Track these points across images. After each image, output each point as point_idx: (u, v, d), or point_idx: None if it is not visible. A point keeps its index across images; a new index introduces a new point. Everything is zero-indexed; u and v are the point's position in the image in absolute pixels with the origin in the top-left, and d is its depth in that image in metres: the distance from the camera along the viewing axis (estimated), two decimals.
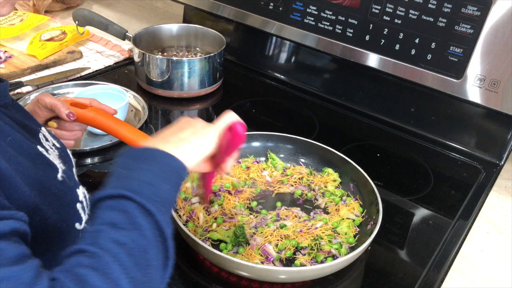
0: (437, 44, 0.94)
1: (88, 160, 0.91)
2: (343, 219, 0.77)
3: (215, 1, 1.24)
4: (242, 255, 0.70)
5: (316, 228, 0.75)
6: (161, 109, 1.11)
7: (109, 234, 0.44)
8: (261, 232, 0.73)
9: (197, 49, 1.27)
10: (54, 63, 1.21)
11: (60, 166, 0.57)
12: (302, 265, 0.69)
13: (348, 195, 0.83)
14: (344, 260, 0.66)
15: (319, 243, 0.72)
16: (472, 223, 0.84)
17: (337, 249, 0.72)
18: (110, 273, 0.41)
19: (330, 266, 0.66)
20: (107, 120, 0.81)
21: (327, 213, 0.79)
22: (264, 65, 1.26)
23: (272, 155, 0.89)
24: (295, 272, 0.65)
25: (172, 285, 0.67)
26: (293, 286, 0.68)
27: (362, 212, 0.79)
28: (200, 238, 0.71)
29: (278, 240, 0.72)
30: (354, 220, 0.77)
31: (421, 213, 0.85)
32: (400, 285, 0.71)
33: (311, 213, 0.79)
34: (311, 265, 0.69)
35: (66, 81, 1.13)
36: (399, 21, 0.97)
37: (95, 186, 0.84)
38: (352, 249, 0.73)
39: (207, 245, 0.66)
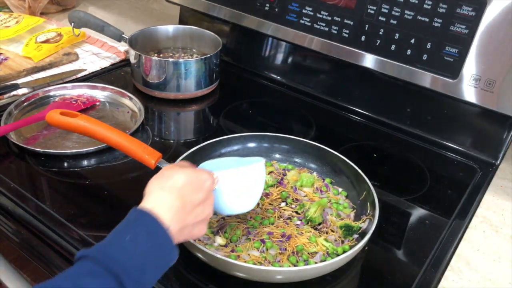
0: (433, 44, 0.94)
1: (85, 162, 0.91)
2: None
3: (211, 2, 1.24)
4: (237, 246, 0.71)
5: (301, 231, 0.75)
6: (157, 111, 1.11)
7: None
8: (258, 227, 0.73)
9: (193, 50, 1.27)
10: (50, 65, 1.21)
11: None
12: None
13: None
14: (341, 259, 0.66)
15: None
16: (469, 223, 0.84)
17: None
18: None
19: (327, 265, 0.66)
20: (98, 128, 0.81)
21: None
22: (260, 66, 1.26)
23: None
24: (291, 272, 0.65)
25: (168, 286, 0.67)
26: (290, 286, 0.68)
27: (347, 196, 0.83)
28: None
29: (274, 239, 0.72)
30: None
31: (417, 212, 0.85)
32: (397, 284, 0.71)
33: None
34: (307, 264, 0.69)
35: (62, 83, 1.12)
36: (395, 22, 0.97)
37: (91, 188, 0.85)
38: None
39: (202, 246, 0.66)
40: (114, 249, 0.50)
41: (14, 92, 1.08)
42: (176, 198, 0.56)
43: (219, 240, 0.72)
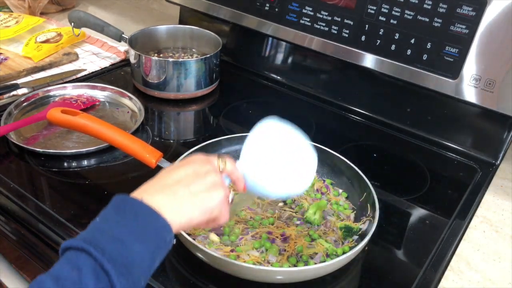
0: (433, 44, 0.94)
1: (85, 162, 0.91)
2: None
3: (211, 2, 1.24)
4: (238, 246, 0.71)
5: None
6: (157, 111, 1.11)
7: None
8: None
9: (193, 50, 1.27)
10: (50, 65, 1.21)
11: None
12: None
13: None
14: (341, 259, 0.66)
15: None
16: (469, 223, 0.84)
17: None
18: None
19: (327, 266, 0.66)
20: (99, 126, 0.81)
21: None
22: (260, 66, 1.26)
23: None
24: (292, 272, 0.65)
25: (168, 286, 0.66)
26: (290, 286, 0.68)
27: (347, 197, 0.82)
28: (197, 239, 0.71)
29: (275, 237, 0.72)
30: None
31: (417, 212, 0.85)
32: (397, 284, 0.71)
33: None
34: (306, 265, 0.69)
35: (62, 83, 1.12)
36: (395, 22, 0.97)
37: (91, 188, 0.85)
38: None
39: (202, 246, 0.66)
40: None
41: (14, 92, 1.08)
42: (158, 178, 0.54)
43: (212, 236, 0.72)
